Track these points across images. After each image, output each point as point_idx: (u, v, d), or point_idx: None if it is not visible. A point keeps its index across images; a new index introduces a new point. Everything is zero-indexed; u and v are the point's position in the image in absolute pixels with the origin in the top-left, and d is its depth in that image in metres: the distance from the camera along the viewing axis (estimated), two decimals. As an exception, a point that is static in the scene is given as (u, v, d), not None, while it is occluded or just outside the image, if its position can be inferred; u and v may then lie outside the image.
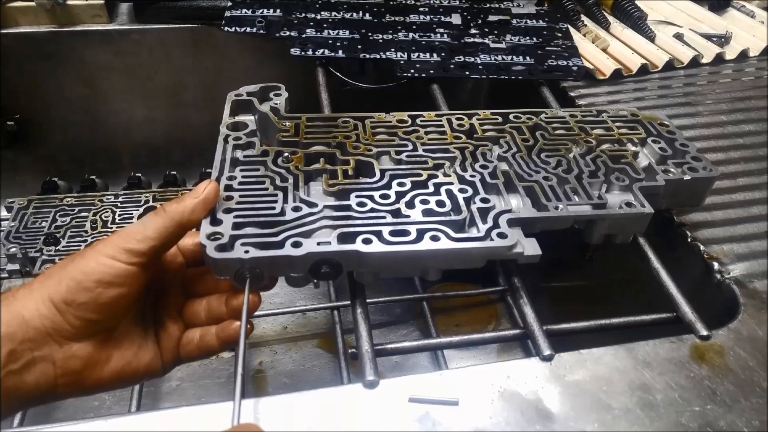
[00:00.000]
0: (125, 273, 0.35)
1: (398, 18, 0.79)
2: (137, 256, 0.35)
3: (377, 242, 0.38)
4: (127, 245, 0.35)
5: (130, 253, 0.35)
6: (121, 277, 0.35)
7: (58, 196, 0.79)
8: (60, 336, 0.34)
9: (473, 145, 0.48)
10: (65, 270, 0.34)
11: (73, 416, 0.69)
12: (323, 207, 0.40)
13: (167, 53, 0.84)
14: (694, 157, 0.49)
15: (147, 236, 0.36)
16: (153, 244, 0.36)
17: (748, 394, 0.38)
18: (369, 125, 0.50)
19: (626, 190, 0.46)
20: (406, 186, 0.43)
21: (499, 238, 0.39)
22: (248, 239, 0.37)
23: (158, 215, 0.37)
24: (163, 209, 0.37)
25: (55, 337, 0.34)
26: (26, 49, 0.79)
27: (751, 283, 0.47)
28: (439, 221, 0.40)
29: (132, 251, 0.35)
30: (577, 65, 0.72)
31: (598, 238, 0.45)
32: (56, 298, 0.34)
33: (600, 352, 0.40)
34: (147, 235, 0.36)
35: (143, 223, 0.36)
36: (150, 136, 0.92)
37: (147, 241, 0.35)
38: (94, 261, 0.34)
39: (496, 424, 0.36)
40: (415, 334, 0.85)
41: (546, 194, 0.44)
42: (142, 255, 0.35)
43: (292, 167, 0.44)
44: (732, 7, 0.88)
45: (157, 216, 0.37)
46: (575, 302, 0.79)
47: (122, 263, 0.35)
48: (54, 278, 0.34)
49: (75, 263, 0.35)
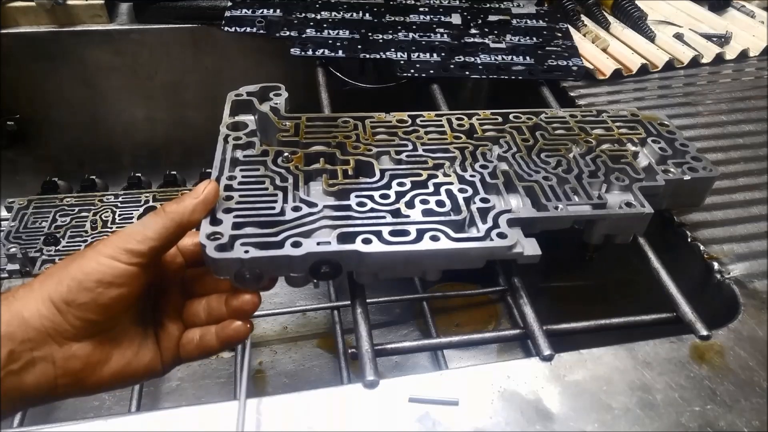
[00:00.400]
0: (125, 273, 0.35)
1: (398, 18, 0.79)
2: (137, 257, 0.35)
3: (377, 242, 0.38)
4: (127, 246, 0.35)
5: (131, 253, 0.35)
6: (121, 278, 0.35)
7: (58, 196, 0.79)
8: (60, 336, 0.34)
9: (473, 145, 0.48)
10: (66, 270, 0.34)
11: (73, 416, 0.69)
12: (323, 207, 0.40)
13: (167, 53, 0.84)
14: (694, 157, 0.49)
15: (147, 237, 0.35)
16: (153, 245, 0.36)
17: (748, 394, 0.38)
18: (369, 125, 0.50)
19: (626, 190, 0.46)
20: (406, 186, 0.43)
21: (498, 238, 0.39)
22: (248, 239, 0.37)
23: (158, 216, 0.37)
24: (163, 210, 0.37)
25: (55, 338, 0.34)
26: (26, 49, 0.79)
27: (751, 283, 0.47)
28: (438, 221, 0.40)
29: (132, 252, 0.35)
30: (577, 65, 0.72)
31: (598, 238, 0.45)
32: (56, 298, 0.34)
33: (600, 352, 0.40)
34: (147, 236, 0.36)
35: (143, 224, 0.36)
36: (150, 136, 0.92)
37: (147, 241, 0.35)
38: (94, 261, 0.34)
39: (496, 424, 0.36)
40: (415, 334, 0.85)
41: (546, 194, 0.44)
42: (142, 255, 0.35)
43: (292, 167, 0.44)
44: (732, 7, 0.88)
45: (157, 216, 0.37)
46: (575, 302, 0.79)
47: (122, 264, 0.35)
48: (54, 278, 0.34)
49: (75, 263, 0.35)
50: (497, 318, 0.89)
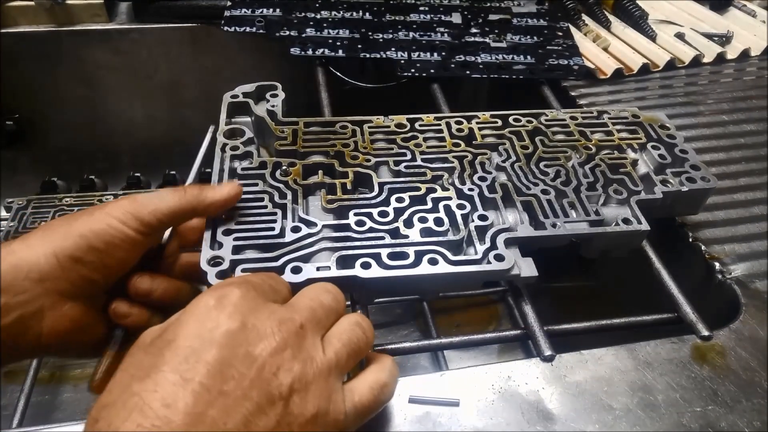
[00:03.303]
0: (130, 240, 0.35)
1: (398, 17, 0.78)
2: (145, 227, 0.35)
3: (376, 267, 0.38)
4: (138, 214, 0.35)
5: (140, 222, 0.35)
6: (127, 243, 0.34)
7: (57, 196, 0.78)
8: (56, 292, 0.33)
9: (472, 154, 0.48)
10: (71, 226, 0.34)
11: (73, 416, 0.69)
12: (322, 227, 0.40)
13: (167, 53, 0.84)
14: (693, 166, 0.48)
15: (159, 210, 0.35)
16: (162, 219, 0.36)
17: (749, 395, 0.38)
18: (367, 131, 0.49)
19: (623, 203, 0.45)
20: (405, 202, 0.43)
21: (496, 261, 0.39)
22: (248, 264, 0.37)
23: (177, 194, 0.37)
24: (184, 190, 0.37)
25: (50, 293, 0.33)
26: (26, 48, 0.79)
27: (753, 284, 0.47)
28: (437, 242, 0.40)
29: (142, 221, 0.35)
30: (578, 64, 0.72)
31: (594, 253, 0.45)
32: (61, 254, 0.33)
33: (601, 352, 0.40)
34: (159, 209, 0.35)
35: (159, 197, 0.36)
36: (150, 136, 0.92)
37: (158, 214, 0.35)
38: (104, 222, 0.34)
39: (497, 425, 0.36)
40: (415, 335, 0.85)
41: (544, 210, 0.44)
42: (149, 227, 0.35)
43: (291, 181, 0.44)
44: (733, 7, 0.88)
45: (176, 194, 0.37)
46: (576, 302, 0.79)
47: (130, 230, 0.34)
48: (58, 233, 0.34)
49: (81, 221, 0.34)
50: (498, 318, 0.89)
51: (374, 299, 0.42)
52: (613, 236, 0.43)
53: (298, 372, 0.27)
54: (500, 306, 0.90)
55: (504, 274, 0.40)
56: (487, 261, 0.39)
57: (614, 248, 0.45)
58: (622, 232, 0.43)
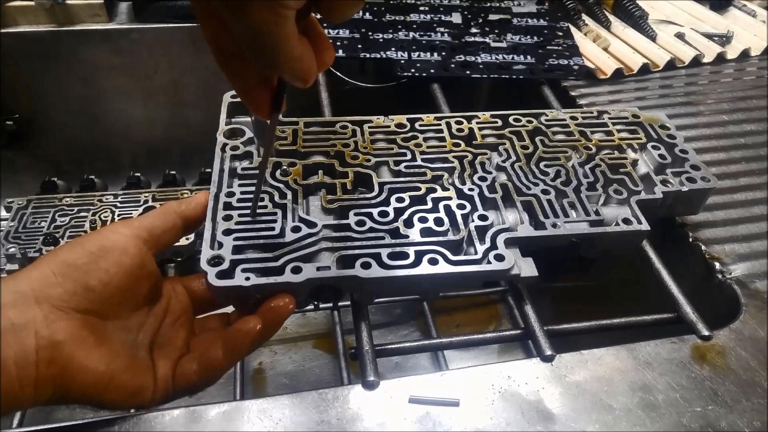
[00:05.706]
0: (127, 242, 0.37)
1: (398, 17, 0.78)
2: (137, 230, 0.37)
3: (376, 266, 0.38)
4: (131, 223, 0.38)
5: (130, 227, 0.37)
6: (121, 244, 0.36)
7: (57, 196, 0.79)
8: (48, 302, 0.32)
9: (472, 154, 0.48)
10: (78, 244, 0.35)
11: (73, 416, 0.68)
12: (322, 227, 0.40)
13: (167, 52, 0.84)
14: (693, 166, 0.48)
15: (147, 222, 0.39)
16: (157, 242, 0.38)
17: (749, 395, 0.38)
18: (367, 131, 0.49)
19: (623, 203, 0.45)
20: (405, 201, 0.43)
21: (496, 261, 0.39)
22: (249, 264, 0.37)
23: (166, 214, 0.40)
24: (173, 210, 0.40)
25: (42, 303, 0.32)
26: (26, 48, 0.79)
27: (753, 284, 0.47)
28: (437, 242, 0.40)
29: (131, 226, 0.37)
30: (578, 64, 0.72)
31: (594, 253, 0.45)
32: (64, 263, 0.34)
33: (601, 352, 0.40)
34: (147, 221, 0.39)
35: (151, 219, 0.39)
36: (149, 135, 0.92)
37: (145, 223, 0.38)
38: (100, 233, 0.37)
39: (497, 425, 0.36)
40: (415, 335, 0.85)
41: (544, 210, 0.44)
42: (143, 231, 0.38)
43: (291, 181, 0.44)
44: (733, 7, 0.88)
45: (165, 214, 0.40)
46: (576, 302, 0.79)
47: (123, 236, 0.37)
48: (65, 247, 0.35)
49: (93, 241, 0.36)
50: (498, 318, 0.89)
51: (374, 299, 0.42)
52: (613, 236, 0.43)
53: None
54: (500, 306, 0.90)
55: (504, 274, 0.40)
56: (487, 261, 0.39)
57: (614, 248, 0.45)
58: (623, 232, 0.43)
